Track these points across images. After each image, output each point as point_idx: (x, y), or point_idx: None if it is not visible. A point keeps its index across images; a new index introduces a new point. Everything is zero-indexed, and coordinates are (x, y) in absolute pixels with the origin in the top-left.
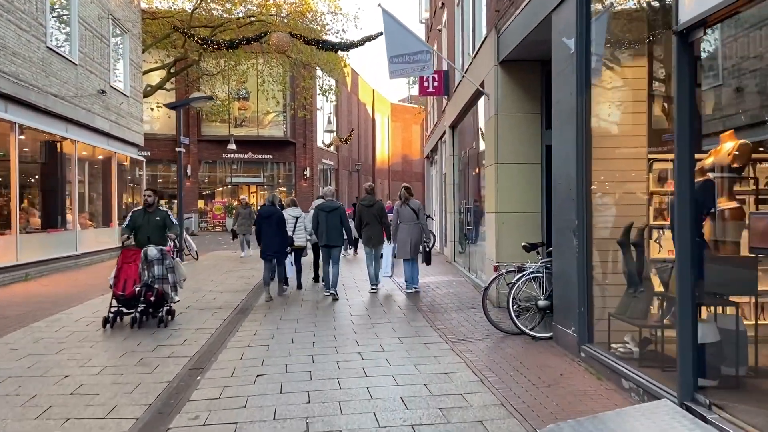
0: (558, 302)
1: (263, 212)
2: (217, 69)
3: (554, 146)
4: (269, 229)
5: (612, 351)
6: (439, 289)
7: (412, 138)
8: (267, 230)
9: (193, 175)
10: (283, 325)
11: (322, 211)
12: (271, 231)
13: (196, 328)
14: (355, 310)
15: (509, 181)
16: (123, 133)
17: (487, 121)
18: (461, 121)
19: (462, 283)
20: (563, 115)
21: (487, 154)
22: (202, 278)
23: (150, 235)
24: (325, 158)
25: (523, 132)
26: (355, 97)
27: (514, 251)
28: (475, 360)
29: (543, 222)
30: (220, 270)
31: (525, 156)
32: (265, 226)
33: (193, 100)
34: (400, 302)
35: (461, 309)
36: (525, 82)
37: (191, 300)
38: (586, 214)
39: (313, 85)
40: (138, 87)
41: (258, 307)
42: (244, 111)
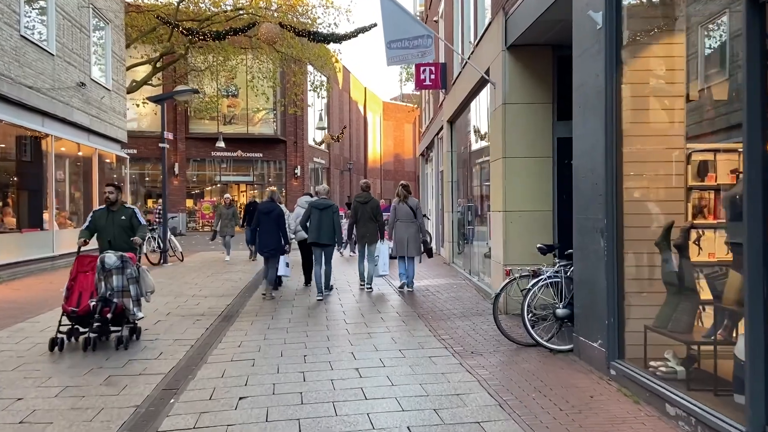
0: (580, 311)
1: (262, 208)
2: (205, 65)
3: (576, 137)
4: (268, 225)
5: (651, 370)
6: (440, 293)
7: (405, 137)
8: (265, 227)
9: (180, 173)
10: (271, 335)
11: (315, 209)
12: (270, 228)
13: (174, 339)
14: (351, 316)
15: (518, 176)
16: (105, 128)
17: (493, 112)
18: (460, 116)
19: (463, 286)
20: (587, 101)
21: (492, 148)
22: (186, 281)
23: (112, 237)
24: (317, 156)
25: (532, 123)
26: (347, 95)
27: (524, 253)
28: (489, 378)
29: (554, 221)
30: (205, 272)
31: (535, 149)
32: (263, 223)
33: (178, 93)
34: (398, 307)
35: (466, 316)
36: (535, 68)
37: (172, 306)
38: (616, 212)
39: (303, 81)
40: (121, 81)
41: (244, 314)
42: (234, 108)
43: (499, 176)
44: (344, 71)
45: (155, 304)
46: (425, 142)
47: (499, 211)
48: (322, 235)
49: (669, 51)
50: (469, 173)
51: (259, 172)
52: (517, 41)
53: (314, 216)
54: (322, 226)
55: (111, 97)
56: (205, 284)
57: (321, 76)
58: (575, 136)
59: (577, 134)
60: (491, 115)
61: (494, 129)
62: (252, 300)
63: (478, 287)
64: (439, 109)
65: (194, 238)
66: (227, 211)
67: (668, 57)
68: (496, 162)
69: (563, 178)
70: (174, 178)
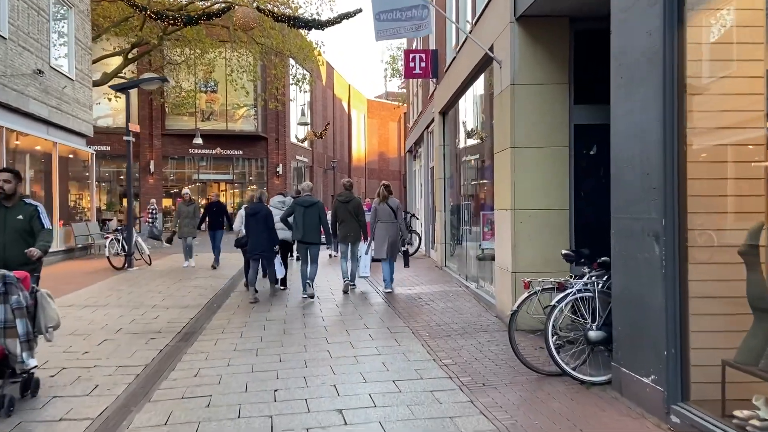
0: (623, 335)
1: (250, 210)
2: (182, 57)
3: (616, 117)
4: (257, 226)
5: (736, 422)
6: (434, 302)
7: (389, 135)
8: (254, 228)
9: (157, 171)
10: (236, 360)
11: (299, 206)
12: (258, 229)
13: (117, 366)
14: (333, 332)
15: (529, 169)
16: (67, 121)
17: (498, 96)
18: (455, 105)
19: (460, 294)
20: (634, 70)
21: (497, 138)
22: (149, 289)
23: (5, 243)
24: (299, 154)
25: (546, 107)
26: (331, 91)
27: (536, 258)
28: (510, 423)
29: (571, 221)
30: (173, 278)
31: (549, 138)
32: (252, 224)
33: (145, 82)
34: (388, 320)
35: (468, 332)
36: (549, 43)
37: (125, 320)
38: (677, 210)
39: (285, 75)
40: (86, 70)
41: (209, 330)
42: (212, 103)
43: (507, 169)
44: (328, 67)
45: (106, 318)
46: (413, 137)
47: (505, 209)
48: (307, 233)
49: (751, 1)
50: (464, 168)
51: (240, 170)
52: (528, 11)
53: (298, 214)
54: (307, 224)
55: (74, 87)
56: (170, 292)
57: (303, 70)
58: (614, 116)
59: (618, 113)
60: (496, 100)
61: (500, 115)
62: (221, 311)
63: (477, 296)
64: (429, 101)
65: None
66: (187, 209)
67: (749, 10)
68: (501, 153)
69: (582, 171)
70: (150, 177)
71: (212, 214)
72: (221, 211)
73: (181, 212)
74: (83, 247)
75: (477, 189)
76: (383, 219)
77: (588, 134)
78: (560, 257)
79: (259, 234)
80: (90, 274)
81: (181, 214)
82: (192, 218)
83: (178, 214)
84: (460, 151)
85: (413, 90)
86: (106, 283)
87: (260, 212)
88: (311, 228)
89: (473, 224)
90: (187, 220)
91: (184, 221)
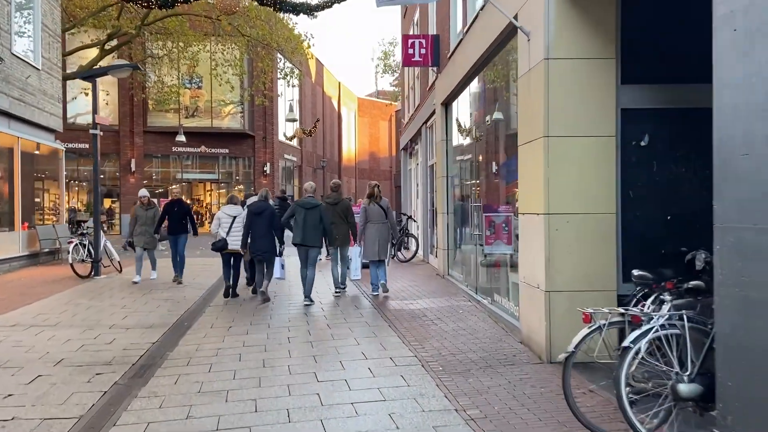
0: (735, 393)
1: (253, 209)
2: (164, 51)
3: (722, 85)
4: (260, 227)
5: None
6: (443, 321)
7: (380, 135)
8: (258, 228)
9: (138, 170)
10: (199, 409)
11: (300, 207)
12: (262, 229)
13: (42, 419)
14: (326, 367)
15: (568, 164)
16: (31, 114)
17: (526, 76)
18: (461, 93)
19: (471, 311)
20: (762, 13)
21: (524, 127)
22: (113, 302)
23: None
24: (288, 153)
25: (588, 87)
26: (320, 89)
27: (575, 274)
28: None
29: (618, 229)
30: (142, 288)
31: (591, 125)
32: (255, 224)
33: (114, 69)
34: (391, 347)
35: (491, 365)
36: (592, 7)
37: (73, 346)
38: None
39: (272, 68)
40: (54, 59)
41: (172, 361)
42: (197, 99)
43: (538, 164)
44: (317, 64)
45: (50, 344)
46: (409, 134)
47: (535, 213)
48: (308, 236)
49: None
50: (473, 165)
51: (226, 169)
52: None
53: (299, 215)
54: (308, 226)
55: (40, 77)
56: (136, 307)
57: (291, 64)
58: (719, 86)
59: (725, 82)
60: (521, 82)
61: (526, 100)
62: (191, 333)
63: (492, 314)
64: (429, 93)
65: None
66: (146, 213)
67: None
68: (529, 145)
69: (631, 166)
70: (130, 176)
71: (173, 215)
72: (184, 212)
73: (138, 218)
74: (50, 251)
75: (489, 188)
76: (374, 220)
77: (639, 121)
78: (605, 273)
79: (263, 234)
80: (50, 283)
81: (138, 220)
82: (152, 226)
83: (134, 220)
84: (467, 145)
85: (409, 83)
86: (65, 296)
87: (265, 211)
88: (312, 231)
89: (485, 230)
90: (144, 227)
91: (140, 228)
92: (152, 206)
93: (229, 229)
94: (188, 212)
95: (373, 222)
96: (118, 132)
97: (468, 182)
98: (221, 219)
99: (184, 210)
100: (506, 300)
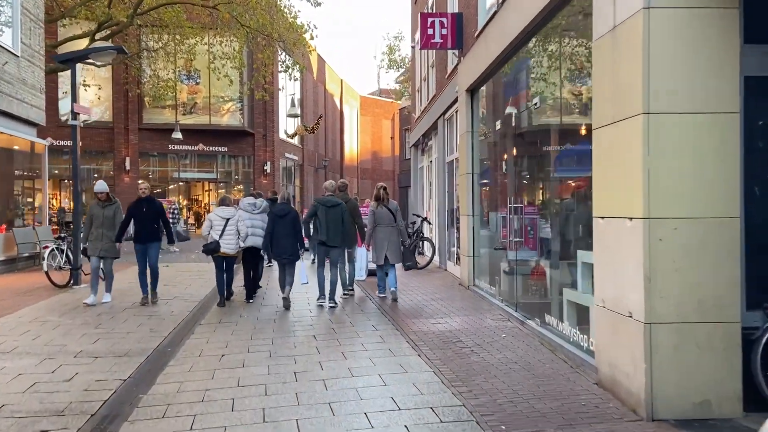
0: None
1: (276, 211)
2: (160, 44)
3: None
4: (284, 229)
5: None
6: (484, 349)
7: (383, 134)
8: (281, 231)
9: (132, 169)
10: None
11: (322, 206)
12: (285, 232)
13: None
14: (344, 412)
15: (676, 150)
16: (8, 104)
17: (612, 34)
18: (494, 75)
19: (514, 333)
20: None
21: (606, 102)
22: (85, 321)
23: None
24: (289, 152)
25: (702, 47)
26: (322, 86)
27: (687, 300)
28: None
29: (742, 238)
30: (124, 302)
31: (706, 99)
32: (279, 227)
33: (96, 51)
34: (427, 388)
35: (570, 422)
36: None
37: (22, 384)
38: None
39: (273, 61)
40: (36, 47)
41: (144, 409)
42: (194, 96)
43: (631, 151)
44: (319, 60)
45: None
46: (421, 129)
47: (625, 217)
48: (331, 235)
49: None
50: (510, 157)
51: (225, 168)
52: None
53: (321, 214)
54: (331, 225)
55: (20, 65)
56: (112, 326)
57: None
58: None
59: None
60: (599, 45)
61: (612, 66)
62: (174, 364)
63: (544, 339)
64: (448, 81)
65: None
66: (102, 212)
67: None
68: (615, 127)
69: (758, 153)
70: (125, 175)
71: (141, 218)
72: (155, 213)
73: (94, 218)
74: (29, 256)
75: (532, 185)
76: (383, 223)
77: None
78: (725, 298)
79: (286, 237)
80: (21, 294)
81: (94, 221)
82: (111, 229)
83: (90, 219)
84: (501, 136)
85: (421, 74)
86: (33, 310)
87: (288, 214)
88: (335, 230)
89: (529, 234)
90: (101, 230)
91: (97, 232)
92: (112, 202)
93: (222, 232)
94: (161, 213)
95: (382, 225)
96: (112, 129)
97: (501, 179)
98: (213, 221)
99: (156, 210)
100: (562, 323)
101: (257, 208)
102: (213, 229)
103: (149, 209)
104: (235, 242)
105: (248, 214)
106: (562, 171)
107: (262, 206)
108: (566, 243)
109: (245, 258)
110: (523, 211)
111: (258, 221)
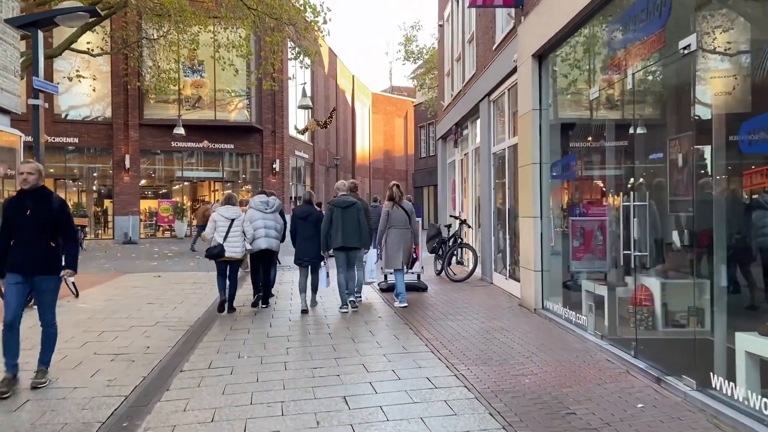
0: None
1: (299, 213)
2: (161, 32)
3: None
4: (306, 231)
5: None
6: (592, 425)
7: (395, 132)
8: (303, 233)
9: (133, 167)
10: None
11: (336, 207)
12: (307, 233)
13: None
14: None
15: None
16: None
17: None
18: (578, 30)
19: (657, 402)
20: None
21: None
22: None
23: None
24: (299, 150)
25: None
26: (333, 81)
27: None
28: None
29: None
30: (95, 324)
31: None
32: (302, 229)
33: (62, 12)
34: None
35: None
36: None
37: None
38: None
39: (282, 47)
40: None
41: None
42: (199, 91)
43: None
44: (330, 54)
45: None
46: (452, 117)
47: None
48: (348, 237)
49: None
50: (616, 141)
51: (231, 167)
52: None
53: (336, 216)
54: (346, 227)
55: None
56: (71, 364)
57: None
58: None
59: None
60: None
61: None
62: None
63: (719, 420)
64: (496, 53)
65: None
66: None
67: None
68: None
69: None
70: (125, 173)
71: (23, 226)
72: (63, 214)
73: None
74: None
75: (655, 178)
76: (397, 225)
77: None
78: None
79: (310, 239)
80: None
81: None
82: None
83: None
84: (594, 112)
85: (453, 54)
86: None
87: (311, 215)
88: (351, 231)
89: (651, 247)
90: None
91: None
92: (60, 200)
93: (226, 234)
94: (66, 217)
95: (396, 227)
96: (110, 125)
97: (598, 169)
98: (217, 222)
99: (54, 214)
100: (742, 390)
101: (270, 207)
102: (217, 231)
103: (41, 213)
104: (241, 245)
105: (261, 214)
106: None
107: (275, 205)
108: (743, 254)
109: (256, 263)
110: (652, 212)
111: (271, 221)
